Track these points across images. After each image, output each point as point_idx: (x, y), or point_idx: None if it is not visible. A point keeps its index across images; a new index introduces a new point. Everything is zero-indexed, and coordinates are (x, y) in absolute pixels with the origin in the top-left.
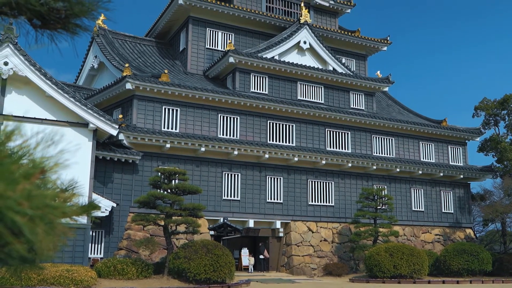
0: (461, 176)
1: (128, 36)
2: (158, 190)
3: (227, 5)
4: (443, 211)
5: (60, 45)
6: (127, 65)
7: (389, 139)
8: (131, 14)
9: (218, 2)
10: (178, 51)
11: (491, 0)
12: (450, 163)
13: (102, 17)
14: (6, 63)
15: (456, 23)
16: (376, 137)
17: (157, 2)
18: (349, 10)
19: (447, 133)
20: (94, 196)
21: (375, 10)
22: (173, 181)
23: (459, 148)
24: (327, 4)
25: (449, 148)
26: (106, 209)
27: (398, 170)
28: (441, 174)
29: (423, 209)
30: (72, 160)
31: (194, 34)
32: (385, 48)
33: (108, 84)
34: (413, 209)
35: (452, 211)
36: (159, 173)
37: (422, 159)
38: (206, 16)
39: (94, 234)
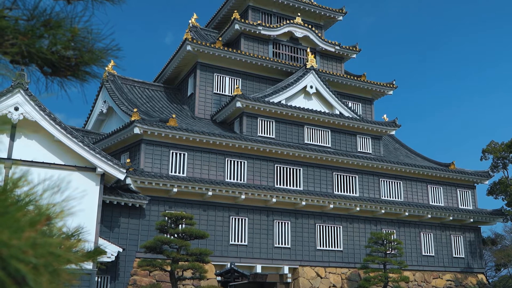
0: (471, 220)
1: (137, 82)
2: (165, 235)
3: (235, 51)
4: (454, 255)
5: (70, 91)
6: (135, 110)
7: (397, 183)
8: (140, 60)
9: (226, 48)
10: (186, 96)
11: (499, 50)
12: (460, 206)
13: (112, 63)
14: (16, 108)
15: (463, 69)
16: (384, 181)
17: (166, 49)
18: (354, 56)
19: (455, 176)
20: (101, 241)
21: (380, 55)
22: (180, 225)
23: (468, 192)
24: (332, 50)
25: (458, 192)
26: (112, 255)
27: (407, 214)
28: (451, 218)
29: (433, 254)
30: (78, 206)
31: (202, 79)
32: (391, 92)
33: (117, 129)
34: (423, 253)
35: (463, 256)
36: (166, 218)
37: (431, 203)
38: (213, 62)
39: (99, 279)
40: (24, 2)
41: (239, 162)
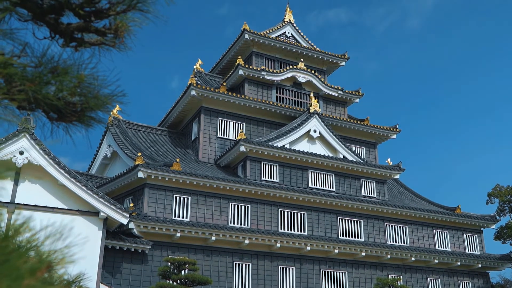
0: (479, 265)
1: (142, 126)
2: (168, 281)
3: (239, 96)
4: None
5: (75, 136)
6: (139, 154)
7: (402, 227)
8: (146, 105)
9: (230, 93)
10: (190, 140)
11: (505, 93)
12: (467, 251)
13: (117, 108)
14: (21, 153)
15: (468, 112)
16: (389, 225)
17: (171, 93)
18: (357, 100)
19: (461, 220)
20: (102, 287)
21: (384, 99)
22: (183, 271)
23: (475, 236)
24: (335, 94)
25: (465, 236)
26: None
27: (413, 259)
28: (458, 263)
29: None
30: (80, 252)
31: (206, 123)
32: (394, 136)
33: (121, 173)
34: None
35: None
36: (169, 263)
37: (437, 248)
38: (218, 107)
39: None
40: (33, 49)
41: (243, 207)
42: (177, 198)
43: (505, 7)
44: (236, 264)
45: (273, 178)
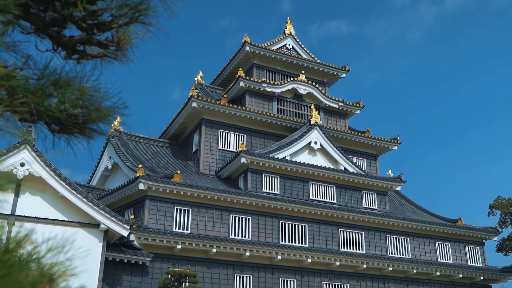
0: (481, 278)
1: (143, 138)
2: None
3: (239, 107)
4: None
5: (76, 147)
6: (140, 166)
7: (404, 239)
8: (147, 116)
9: (231, 105)
10: (191, 152)
11: (506, 104)
12: (469, 263)
13: (118, 120)
14: (22, 164)
15: (469, 124)
16: (390, 237)
17: (172, 105)
18: (358, 112)
19: (463, 232)
20: None
21: (385, 110)
22: (184, 283)
23: (477, 248)
24: (336, 106)
25: (467, 248)
26: None
27: (415, 271)
28: (460, 276)
29: None
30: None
31: (207, 135)
32: (395, 148)
33: (121, 185)
34: None
35: None
36: (169, 276)
37: (439, 260)
38: (218, 118)
39: None
40: (35, 62)
41: (243, 219)
42: (178, 210)
43: (505, 19)
44: (237, 276)
45: (274, 190)
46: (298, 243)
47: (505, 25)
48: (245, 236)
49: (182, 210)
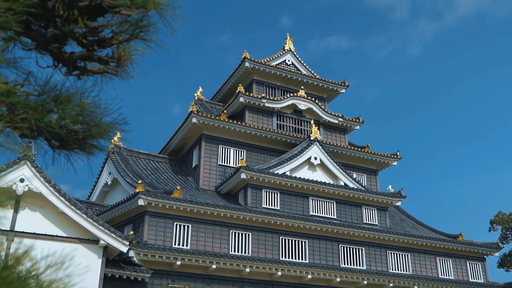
0: None
1: (143, 153)
2: None
3: (239, 123)
4: None
5: (76, 163)
6: (140, 181)
7: (405, 255)
8: (147, 132)
9: (231, 121)
10: (190, 168)
11: (504, 119)
12: (470, 279)
13: (118, 135)
14: (22, 180)
15: (469, 139)
16: (391, 253)
17: (173, 120)
18: (358, 127)
19: (464, 248)
20: None
21: (385, 125)
22: None
23: (478, 264)
24: (336, 122)
25: (468, 264)
26: None
27: (416, 287)
28: None
29: None
30: (80, 281)
31: (206, 151)
32: (395, 163)
33: (121, 201)
34: None
35: None
36: None
37: (440, 276)
38: (218, 134)
39: None
40: (36, 78)
41: (243, 234)
42: (178, 225)
43: (503, 35)
44: None
45: (274, 206)
46: (298, 259)
47: (504, 40)
48: (245, 252)
49: (182, 226)
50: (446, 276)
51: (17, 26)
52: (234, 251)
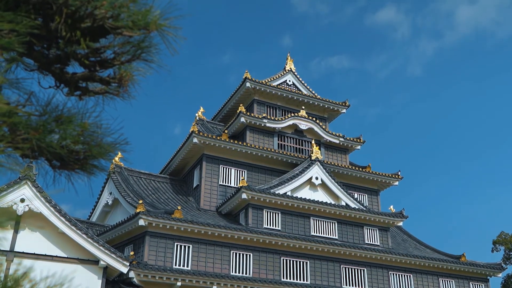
0: None
1: (143, 173)
2: None
3: (240, 143)
4: None
5: (76, 183)
6: (140, 201)
7: (407, 276)
8: (148, 151)
9: (232, 141)
10: (191, 188)
11: (504, 135)
12: None
13: (119, 155)
14: (22, 200)
15: (470, 158)
16: (393, 274)
17: (174, 139)
18: (359, 147)
19: (467, 268)
20: None
21: (386, 145)
22: None
23: (482, 285)
24: (337, 142)
25: (471, 285)
26: None
27: None
28: None
29: None
30: None
31: (207, 171)
32: (396, 183)
33: (121, 221)
34: None
35: None
36: None
37: None
38: (219, 154)
39: None
40: (38, 98)
41: (244, 255)
42: (178, 246)
43: (503, 54)
44: None
45: (275, 226)
46: (300, 280)
47: (504, 59)
48: (245, 273)
49: (183, 246)
50: None
51: (20, 47)
52: (235, 272)
